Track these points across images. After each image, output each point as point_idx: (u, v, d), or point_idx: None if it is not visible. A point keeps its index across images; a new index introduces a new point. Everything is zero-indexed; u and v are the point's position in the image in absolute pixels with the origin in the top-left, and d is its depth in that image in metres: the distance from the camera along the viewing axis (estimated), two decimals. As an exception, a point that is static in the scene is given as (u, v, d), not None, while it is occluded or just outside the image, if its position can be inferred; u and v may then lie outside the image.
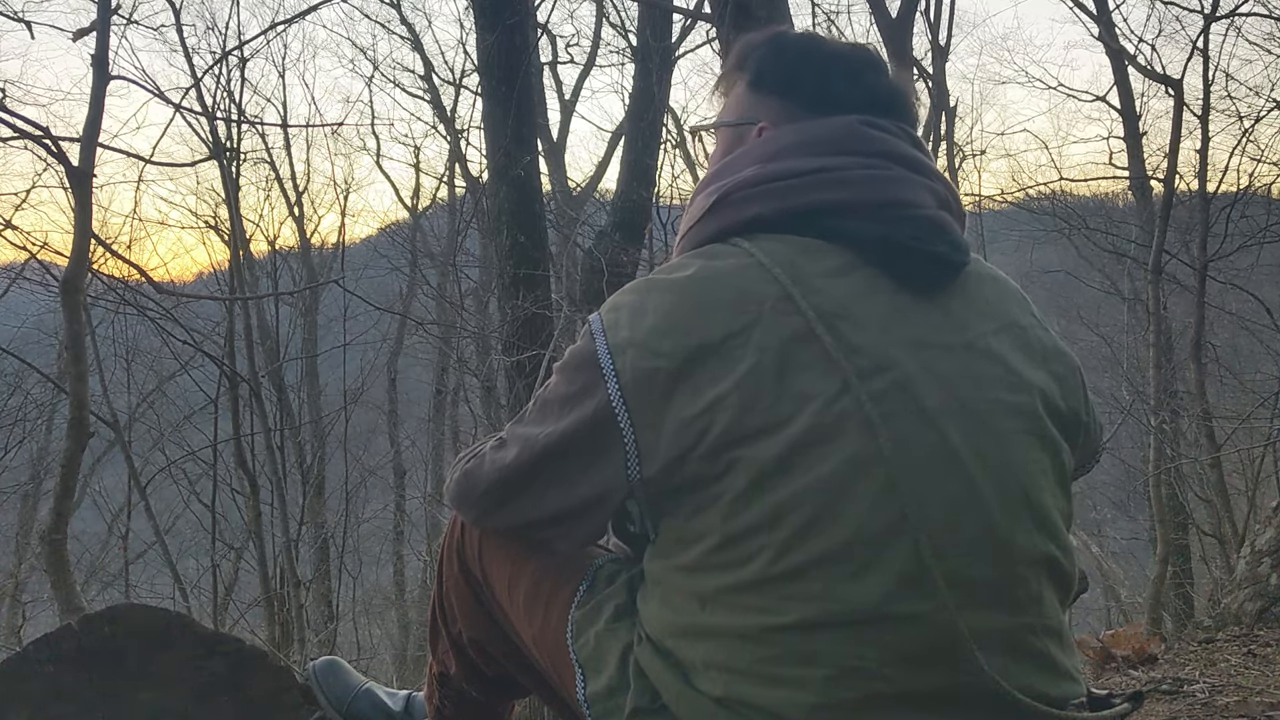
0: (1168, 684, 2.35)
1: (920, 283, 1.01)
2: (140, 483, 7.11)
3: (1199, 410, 7.50)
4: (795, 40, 1.19)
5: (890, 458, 0.92)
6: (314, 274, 14.89)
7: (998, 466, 0.96)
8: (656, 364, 0.97)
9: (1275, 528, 3.16)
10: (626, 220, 6.30)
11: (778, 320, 0.96)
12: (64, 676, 1.71)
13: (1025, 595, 0.96)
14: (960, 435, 0.95)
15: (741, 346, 0.96)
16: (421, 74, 15.41)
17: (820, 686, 0.92)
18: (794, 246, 1.02)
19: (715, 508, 0.96)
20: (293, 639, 6.42)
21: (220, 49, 10.44)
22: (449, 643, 1.40)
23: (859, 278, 1.00)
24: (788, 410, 0.94)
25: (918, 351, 0.97)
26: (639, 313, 1.01)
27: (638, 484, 1.00)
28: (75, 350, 3.73)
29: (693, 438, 0.96)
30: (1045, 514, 0.98)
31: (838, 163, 1.05)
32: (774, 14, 3.65)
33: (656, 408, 0.97)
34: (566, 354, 1.06)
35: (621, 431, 0.98)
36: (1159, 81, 8.99)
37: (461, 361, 11.60)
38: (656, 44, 6.46)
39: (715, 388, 0.95)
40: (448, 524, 1.37)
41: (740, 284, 0.99)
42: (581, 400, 1.01)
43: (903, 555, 0.92)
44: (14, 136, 3.97)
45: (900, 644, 0.91)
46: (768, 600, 0.94)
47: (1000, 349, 1.01)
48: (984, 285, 1.07)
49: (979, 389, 0.98)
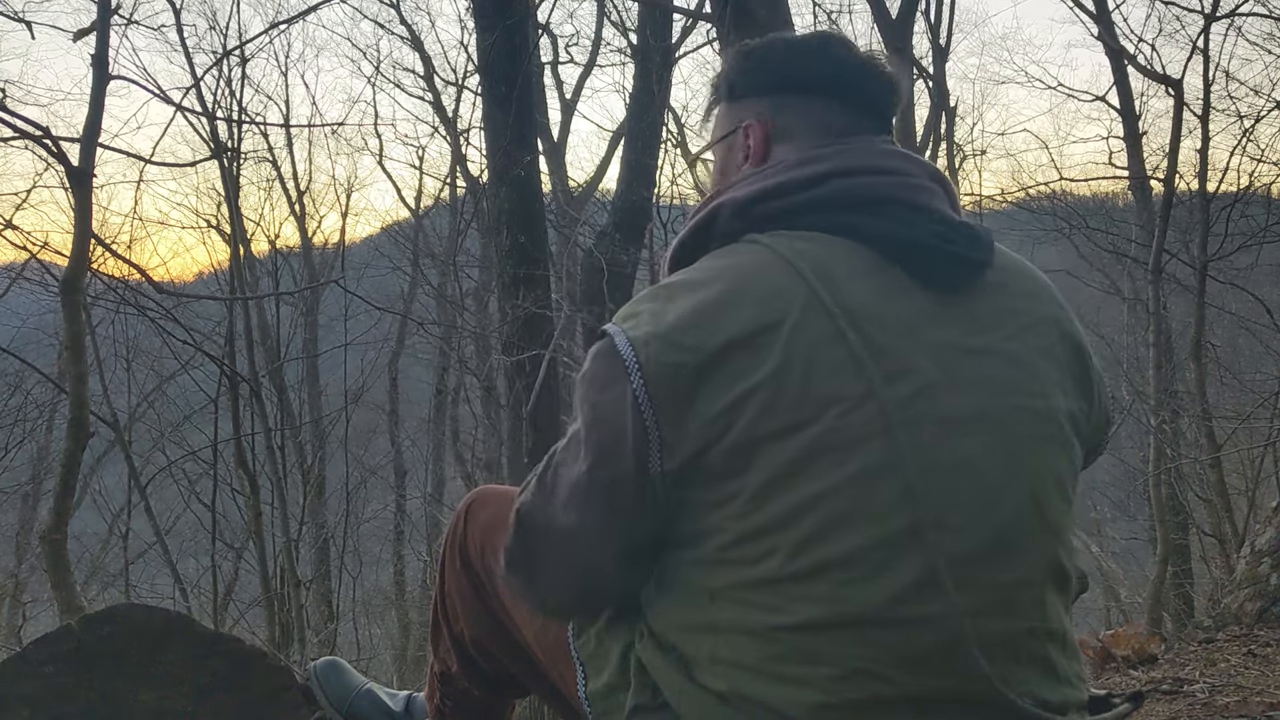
0: (1168, 684, 2.35)
1: (942, 284, 1.00)
2: (140, 483, 7.10)
3: (1199, 410, 7.50)
4: (756, 44, 1.19)
5: (908, 466, 0.92)
6: (315, 274, 14.89)
7: (1014, 474, 0.96)
8: (681, 357, 0.95)
9: (1275, 528, 3.16)
10: (627, 220, 6.31)
11: (807, 320, 0.95)
12: (64, 676, 1.71)
13: (1031, 601, 0.96)
14: (978, 443, 0.95)
15: (769, 345, 0.94)
16: (422, 74, 15.43)
17: (825, 686, 0.92)
18: (818, 244, 1.01)
19: (731, 504, 0.96)
20: (293, 639, 6.41)
21: (221, 48, 10.44)
22: (450, 641, 1.40)
23: (883, 278, 0.99)
24: (810, 412, 0.93)
25: (941, 356, 0.96)
26: (661, 313, 0.99)
27: (658, 477, 0.98)
28: (75, 350, 3.73)
29: (716, 434, 0.94)
30: (1055, 520, 0.98)
31: (850, 164, 1.05)
32: (774, 14, 3.66)
33: (681, 401, 0.96)
34: (581, 378, 1.03)
35: (647, 426, 0.96)
36: (1159, 81, 8.98)
37: (462, 361, 11.61)
38: (657, 44, 6.47)
39: (741, 384, 0.94)
40: (450, 522, 1.38)
41: (768, 280, 0.98)
42: (612, 414, 0.98)
43: (915, 561, 0.91)
44: (14, 136, 3.97)
45: (905, 647, 0.92)
46: (777, 599, 0.94)
47: (1023, 351, 1.00)
48: (1010, 281, 1.05)
49: (1000, 395, 0.97)
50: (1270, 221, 8.20)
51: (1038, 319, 1.03)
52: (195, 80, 6.16)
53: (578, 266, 6.30)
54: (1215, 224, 7.61)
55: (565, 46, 15.42)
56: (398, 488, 14.75)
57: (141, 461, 8.91)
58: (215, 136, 8.12)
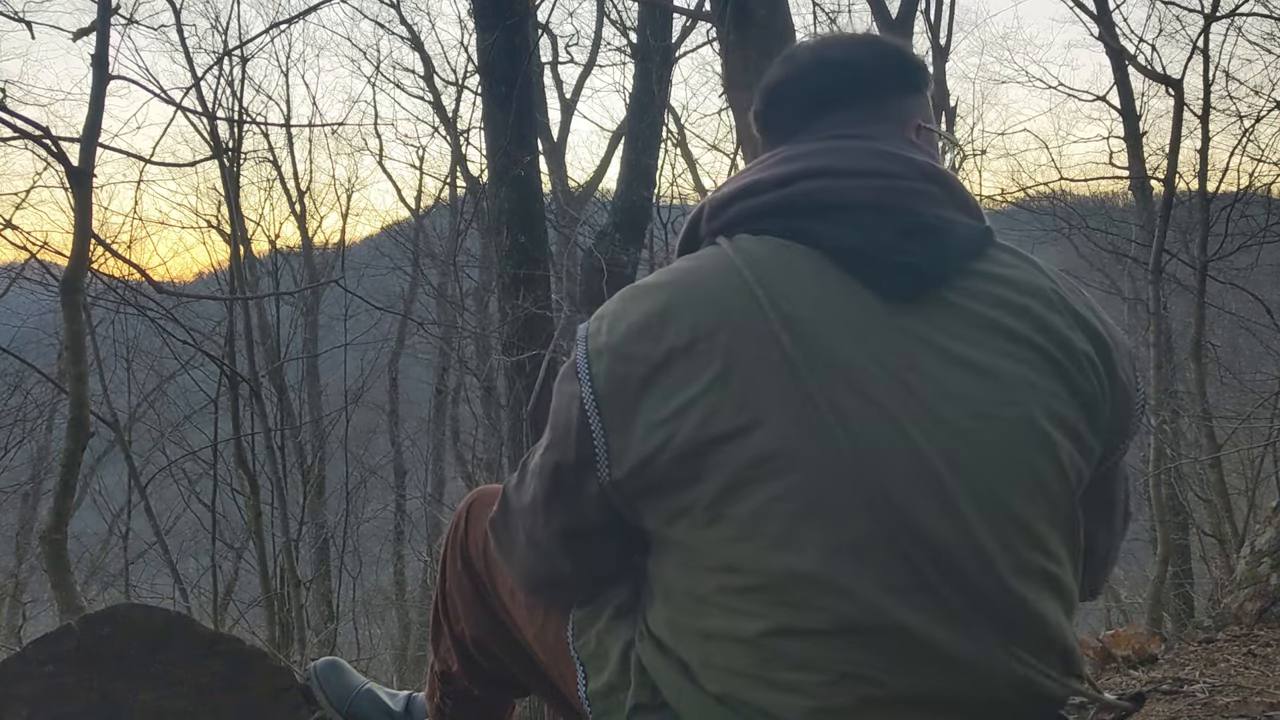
0: (1168, 684, 2.35)
1: (893, 293, 0.98)
2: (140, 483, 7.11)
3: (1199, 410, 7.49)
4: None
5: (861, 472, 0.91)
6: (315, 274, 14.89)
7: (980, 483, 0.93)
8: (629, 369, 0.98)
9: (1275, 528, 3.16)
10: (627, 220, 6.30)
11: (745, 326, 0.96)
12: (64, 676, 1.71)
13: (1020, 609, 0.94)
14: (938, 452, 0.92)
15: (709, 350, 0.95)
16: (422, 74, 15.43)
17: (815, 691, 0.92)
18: (769, 247, 1.01)
19: (689, 516, 0.97)
20: (293, 639, 6.41)
21: (221, 48, 10.45)
22: (451, 641, 1.40)
23: (832, 285, 0.98)
24: (752, 417, 0.93)
25: (890, 365, 0.94)
26: (618, 318, 1.02)
27: (609, 486, 1.00)
28: (75, 350, 3.73)
29: (659, 440, 0.96)
30: (1033, 529, 0.95)
31: (824, 165, 1.05)
32: (774, 14, 3.66)
33: (627, 411, 0.98)
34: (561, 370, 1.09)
35: (593, 434, 0.99)
36: (1159, 81, 8.97)
37: (462, 361, 11.61)
38: (657, 43, 6.47)
39: (683, 392, 0.95)
40: (450, 522, 1.38)
41: (711, 287, 0.99)
42: (565, 410, 1.03)
43: (887, 565, 0.91)
44: (14, 136, 3.97)
45: (893, 651, 0.91)
46: (760, 606, 0.94)
47: (989, 359, 0.97)
48: (992, 287, 1.01)
49: (959, 405, 0.94)
50: (1270, 221, 8.20)
51: (1017, 325, 0.99)
52: (195, 80, 6.17)
53: (578, 266, 6.30)
54: (1215, 224, 7.61)
55: (565, 46, 15.48)
56: (398, 488, 14.75)
57: (141, 461, 8.92)
58: (215, 136, 8.13)
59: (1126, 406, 1.06)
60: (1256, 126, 8.65)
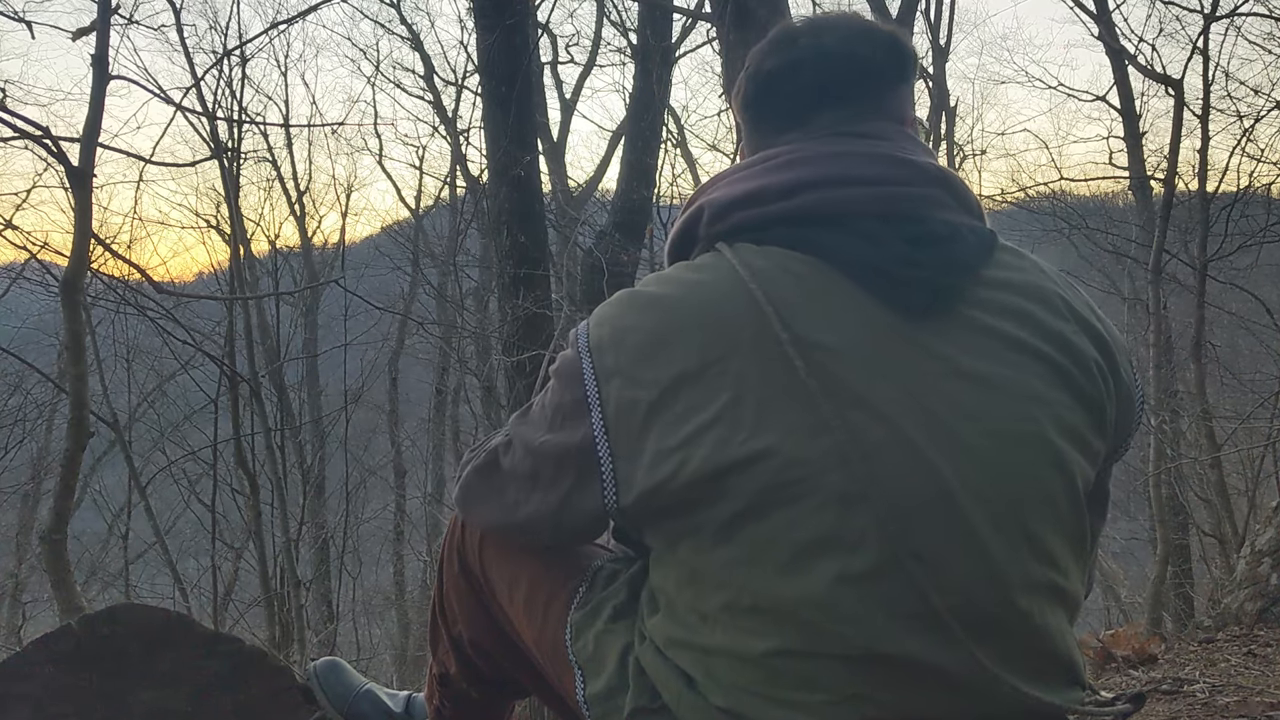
0: (1168, 684, 2.35)
1: (904, 307, 0.96)
2: (140, 483, 7.11)
3: (1199, 410, 7.50)
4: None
5: (875, 496, 0.90)
6: (315, 273, 14.91)
7: (995, 502, 0.92)
8: (638, 394, 0.96)
9: (1275, 528, 3.16)
10: (627, 220, 6.30)
11: (756, 348, 0.94)
12: (64, 676, 1.71)
13: (1025, 626, 0.94)
14: (953, 472, 0.91)
15: (720, 375, 0.94)
16: (422, 74, 15.44)
17: (820, 711, 0.92)
18: (775, 258, 0.98)
19: (698, 537, 0.96)
20: (293, 639, 6.41)
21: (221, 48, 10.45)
22: (449, 643, 1.40)
23: (842, 299, 0.96)
24: (767, 443, 0.91)
25: (905, 383, 0.93)
26: (622, 332, 1.00)
27: (615, 512, 1.00)
28: (75, 350, 3.73)
29: (670, 469, 0.94)
30: (1045, 544, 0.95)
31: (826, 173, 1.02)
32: (774, 13, 3.66)
33: (636, 437, 0.96)
34: (558, 360, 1.05)
35: (600, 461, 0.98)
36: (1159, 81, 8.99)
37: (462, 361, 11.61)
38: (657, 43, 6.47)
39: (695, 419, 0.93)
40: (449, 524, 1.37)
41: (720, 306, 0.97)
42: (569, 422, 1.01)
43: (898, 591, 0.90)
44: (14, 136, 3.97)
45: (899, 676, 0.91)
46: (765, 626, 0.93)
47: (1002, 373, 0.95)
48: (999, 296, 0.99)
49: (973, 421, 0.93)
50: (1270, 221, 8.20)
51: (1026, 336, 0.97)
52: (195, 80, 6.15)
53: (578, 266, 6.29)
54: (1215, 224, 7.61)
55: (565, 46, 15.45)
56: (397, 488, 14.75)
57: (141, 461, 8.92)
58: (215, 136, 8.11)
59: (1129, 407, 1.06)
60: (1256, 126, 8.66)
